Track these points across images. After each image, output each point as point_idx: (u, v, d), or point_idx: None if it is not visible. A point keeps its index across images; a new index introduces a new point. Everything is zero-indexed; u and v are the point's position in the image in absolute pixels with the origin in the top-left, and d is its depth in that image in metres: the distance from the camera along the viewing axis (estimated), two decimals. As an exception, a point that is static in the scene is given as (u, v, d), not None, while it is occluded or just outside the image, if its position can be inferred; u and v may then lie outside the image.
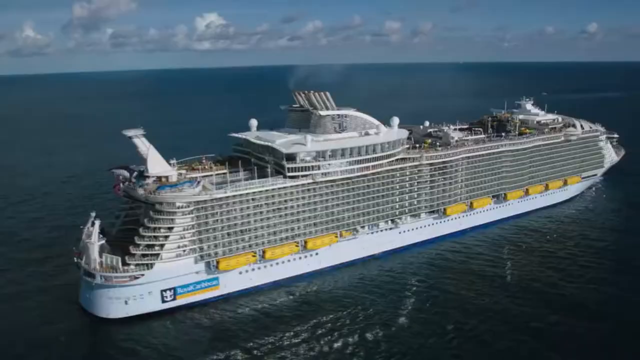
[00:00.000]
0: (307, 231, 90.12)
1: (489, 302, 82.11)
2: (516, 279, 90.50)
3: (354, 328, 74.85)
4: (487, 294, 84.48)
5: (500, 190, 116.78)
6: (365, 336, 72.70)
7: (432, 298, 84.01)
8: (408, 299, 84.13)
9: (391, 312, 79.55)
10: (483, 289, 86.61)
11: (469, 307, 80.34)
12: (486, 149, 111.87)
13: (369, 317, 77.84)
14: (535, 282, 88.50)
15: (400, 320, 76.93)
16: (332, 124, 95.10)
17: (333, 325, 75.88)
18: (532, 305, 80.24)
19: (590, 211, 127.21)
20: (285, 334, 73.86)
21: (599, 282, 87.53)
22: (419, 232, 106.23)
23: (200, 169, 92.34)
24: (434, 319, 77.36)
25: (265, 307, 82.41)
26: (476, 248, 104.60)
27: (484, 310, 79.46)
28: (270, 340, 72.54)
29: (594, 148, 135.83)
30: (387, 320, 77.12)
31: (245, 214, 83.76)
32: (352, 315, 78.60)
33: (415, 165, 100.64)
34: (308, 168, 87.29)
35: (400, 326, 75.55)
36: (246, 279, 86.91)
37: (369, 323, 76.23)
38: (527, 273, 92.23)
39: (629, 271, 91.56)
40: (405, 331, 74.26)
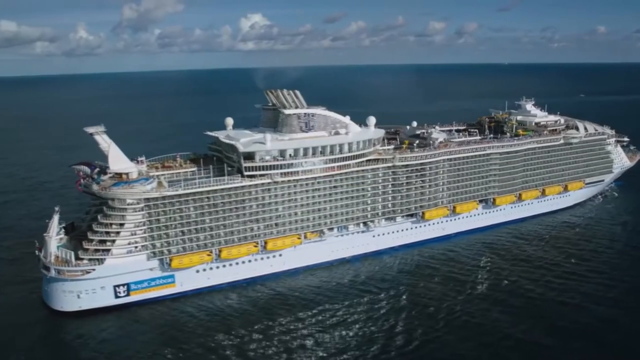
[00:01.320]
0: (267, 232, 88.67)
1: (453, 309, 78.45)
2: (486, 288, 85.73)
3: (306, 332, 73.39)
4: (453, 302, 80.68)
5: (487, 194, 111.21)
6: (317, 340, 71.31)
7: (392, 303, 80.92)
8: (366, 304, 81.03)
9: (346, 316, 77.35)
10: (450, 296, 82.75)
11: (427, 313, 77.37)
12: (470, 151, 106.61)
13: (319, 322, 75.96)
14: (506, 293, 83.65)
15: (354, 326, 74.53)
16: (299, 122, 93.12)
17: (285, 327, 74.53)
18: (497, 317, 76.01)
19: (591, 220, 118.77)
20: (237, 335, 72.87)
21: (575, 296, 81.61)
22: (395, 236, 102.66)
23: (172, 166, 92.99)
24: (385, 324, 74.72)
25: (220, 307, 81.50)
26: (455, 254, 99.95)
27: (444, 316, 76.47)
28: (221, 340, 71.76)
29: (600, 152, 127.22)
30: (339, 324, 75.10)
31: (199, 212, 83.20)
32: (306, 318, 77.09)
33: (388, 166, 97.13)
34: (267, 167, 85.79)
35: (353, 332, 73.10)
36: (203, 277, 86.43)
37: (321, 327, 74.58)
38: (498, 282, 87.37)
39: (614, 285, 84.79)
40: (356, 338, 71.78)
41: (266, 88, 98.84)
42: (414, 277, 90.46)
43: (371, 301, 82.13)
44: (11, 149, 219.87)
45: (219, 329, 74.57)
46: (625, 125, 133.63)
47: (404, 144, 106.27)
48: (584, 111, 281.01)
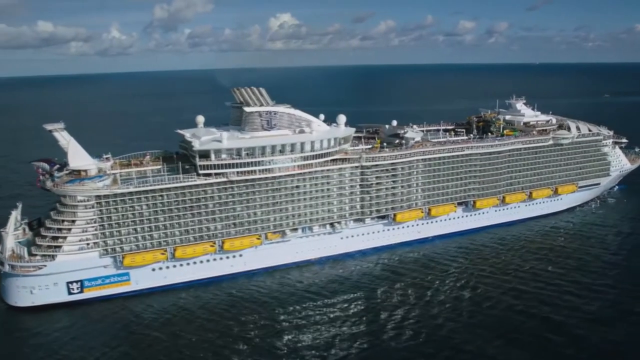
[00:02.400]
0: (224, 231, 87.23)
1: (405, 317, 75.41)
2: (447, 296, 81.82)
3: (258, 333, 72.26)
4: (407, 310, 77.48)
5: (467, 197, 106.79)
6: (264, 344, 69.75)
7: (344, 309, 78.35)
8: (316, 309, 78.68)
9: (295, 321, 75.40)
10: (407, 303, 79.64)
11: (377, 321, 74.48)
12: (446, 151, 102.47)
13: (266, 326, 74.11)
14: (467, 302, 79.83)
15: (303, 330, 72.57)
16: (260, 120, 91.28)
17: (240, 329, 73.12)
18: (452, 328, 72.30)
19: (582, 225, 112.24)
20: (188, 335, 71.94)
21: (542, 308, 76.62)
22: (364, 238, 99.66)
23: (138, 164, 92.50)
24: (331, 330, 72.27)
25: (175, 307, 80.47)
26: (427, 259, 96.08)
27: (394, 325, 73.39)
28: (173, 339, 71.08)
29: (595, 154, 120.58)
30: (286, 329, 73.03)
31: (153, 210, 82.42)
32: (253, 321, 75.45)
33: (355, 166, 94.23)
34: (222, 166, 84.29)
35: (292, 338, 70.94)
36: (160, 276, 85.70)
37: (270, 330, 73.01)
38: (462, 291, 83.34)
39: (591, 298, 79.11)
40: (300, 344, 69.57)
41: (233, 87, 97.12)
42: (376, 282, 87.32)
43: (324, 305, 79.70)
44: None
45: (172, 329, 73.76)
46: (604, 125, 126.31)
47: (377, 144, 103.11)
48: (600, 111, 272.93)
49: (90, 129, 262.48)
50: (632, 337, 68.75)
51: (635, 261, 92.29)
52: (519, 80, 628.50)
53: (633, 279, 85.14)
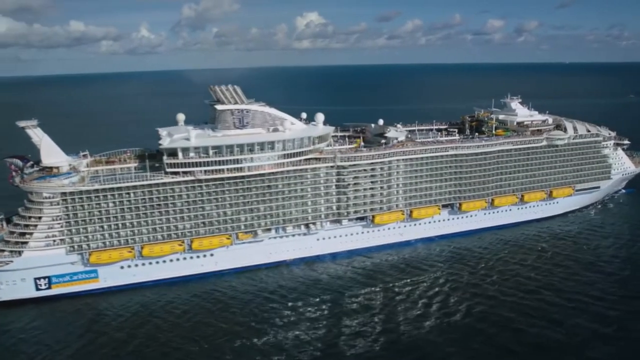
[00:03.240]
0: (193, 230, 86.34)
1: (364, 323, 72.94)
2: (419, 302, 78.53)
3: (210, 335, 70.83)
4: (368, 316, 74.94)
5: (452, 199, 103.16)
6: (213, 346, 68.42)
7: (310, 311, 76.37)
8: (280, 311, 76.89)
9: (254, 323, 73.68)
10: (373, 308, 77.23)
11: (337, 327, 72.12)
12: (430, 151, 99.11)
13: (220, 329, 72.59)
14: (436, 310, 76.38)
15: (258, 334, 70.71)
16: (232, 119, 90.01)
17: (194, 331, 72.04)
18: (421, 336, 69.43)
19: (576, 231, 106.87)
20: (153, 334, 71.40)
21: (517, 321, 72.47)
22: (342, 240, 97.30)
23: (114, 162, 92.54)
24: (290, 334, 70.38)
25: (142, 305, 79.75)
26: (405, 263, 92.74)
27: (360, 329, 71.35)
28: (138, 338, 70.60)
29: (594, 156, 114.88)
30: (241, 332, 71.43)
31: (119, 208, 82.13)
32: (215, 322, 74.27)
33: (330, 166, 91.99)
34: (189, 164, 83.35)
35: (252, 342, 69.18)
36: (128, 274, 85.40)
37: (224, 333, 71.44)
38: (430, 298, 79.94)
39: (562, 314, 74.25)
40: (251, 348, 67.98)
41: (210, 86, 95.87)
42: (346, 286, 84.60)
43: (286, 307, 77.78)
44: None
45: (138, 327, 73.25)
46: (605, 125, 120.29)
47: (356, 143, 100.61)
48: (618, 112, 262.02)
49: (107, 126, 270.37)
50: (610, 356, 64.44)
51: (626, 271, 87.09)
52: (544, 80, 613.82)
53: (620, 290, 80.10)
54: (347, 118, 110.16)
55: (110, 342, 69.76)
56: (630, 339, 67.18)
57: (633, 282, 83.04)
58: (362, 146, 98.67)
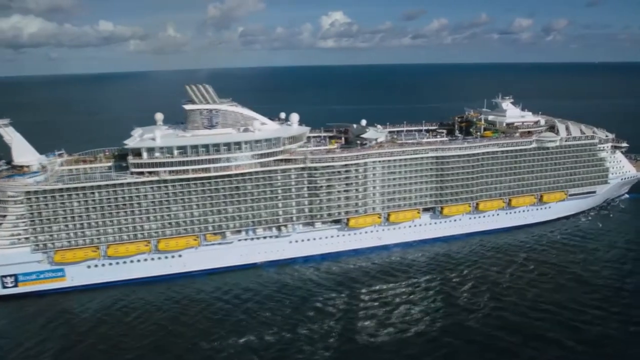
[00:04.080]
0: (159, 231, 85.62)
1: (312, 330, 70.77)
2: (380, 311, 75.81)
3: (149, 339, 70.04)
4: (338, 321, 73.02)
5: (432, 203, 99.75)
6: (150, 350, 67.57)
7: (265, 317, 74.52)
8: (235, 314, 75.43)
9: (204, 326, 72.65)
10: (335, 313, 75.06)
11: (295, 331, 70.40)
12: (408, 153, 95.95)
13: (167, 333, 71.73)
14: (398, 321, 73.41)
15: (204, 337, 69.44)
16: (201, 119, 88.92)
17: (154, 332, 71.59)
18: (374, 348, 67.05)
19: (568, 237, 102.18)
20: (115, 333, 71.35)
21: (482, 335, 69.27)
22: (316, 243, 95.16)
23: (88, 161, 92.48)
24: (243, 338, 68.76)
25: (105, 305, 79.62)
26: (376, 269, 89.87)
27: (315, 336, 69.42)
28: (101, 337, 70.81)
29: (589, 159, 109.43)
30: (186, 334, 70.51)
31: (84, 207, 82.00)
32: (158, 326, 73.36)
33: (301, 167, 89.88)
34: (153, 165, 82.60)
35: (197, 344, 68.20)
36: (95, 274, 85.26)
37: (164, 336, 70.61)
38: (397, 306, 77.31)
39: (550, 321, 71.06)
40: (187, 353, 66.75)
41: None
42: (312, 291, 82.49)
43: (241, 311, 76.19)
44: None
45: (101, 326, 73.38)
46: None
47: (331, 144, 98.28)
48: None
49: (128, 122, 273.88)
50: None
51: (600, 279, 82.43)
52: (569, 80, 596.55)
53: (598, 300, 75.79)
54: (362, 116, 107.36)
55: (61, 341, 69.66)
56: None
57: (605, 292, 78.61)
58: (342, 146, 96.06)
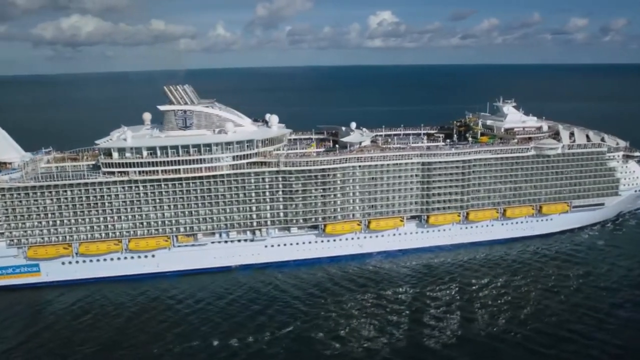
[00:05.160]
0: (130, 231, 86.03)
1: (260, 338, 68.40)
2: (337, 323, 72.75)
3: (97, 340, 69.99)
4: (289, 332, 70.47)
5: (418, 211, 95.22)
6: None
7: (214, 323, 73.05)
8: (189, 317, 74.48)
9: (152, 329, 71.88)
10: (290, 323, 72.43)
11: (244, 339, 68.27)
12: (390, 158, 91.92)
13: (122, 334, 71.57)
14: (353, 337, 70.49)
15: (153, 341, 68.71)
16: (175, 120, 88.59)
17: (117, 332, 71.60)
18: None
19: (566, 254, 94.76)
20: (84, 329, 72.41)
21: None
22: (293, 249, 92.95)
23: (77, 159, 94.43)
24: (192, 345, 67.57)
25: (72, 301, 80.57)
26: (350, 279, 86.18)
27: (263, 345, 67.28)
28: (56, 333, 71.78)
29: (597, 168, 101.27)
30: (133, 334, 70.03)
31: (57, 205, 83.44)
32: (142, 322, 74.00)
33: (276, 170, 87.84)
34: (123, 165, 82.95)
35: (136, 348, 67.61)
36: (69, 270, 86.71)
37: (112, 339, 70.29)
38: (352, 319, 73.99)
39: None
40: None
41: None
42: (279, 297, 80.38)
43: (189, 314, 75.28)
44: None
45: (59, 323, 74.19)
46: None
47: (311, 146, 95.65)
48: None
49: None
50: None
51: (593, 308, 75.00)
52: (623, 82, 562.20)
53: (577, 332, 68.92)
54: (395, 119, 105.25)
55: (17, 336, 71.05)
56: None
57: (588, 320, 71.62)
58: (328, 149, 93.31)
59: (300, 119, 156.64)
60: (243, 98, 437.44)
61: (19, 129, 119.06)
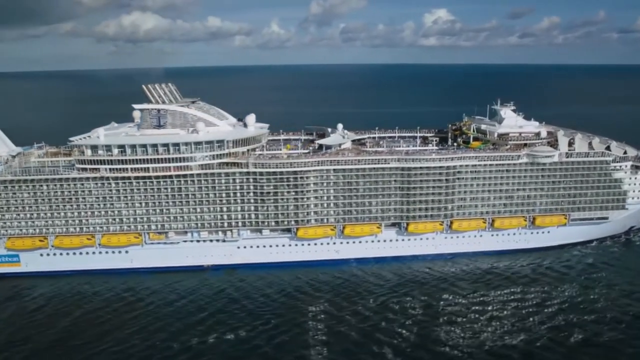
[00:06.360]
0: (104, 226, 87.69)
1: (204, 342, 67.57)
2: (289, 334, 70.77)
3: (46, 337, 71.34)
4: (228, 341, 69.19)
5: (396, 218, 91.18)
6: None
7: (164, 324, 72.97)
8: (144, 317, 74.78)
9: (103, 325, 72.78)
10: (234, 329, 71.07)
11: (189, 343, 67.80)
12: (366, 162, 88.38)
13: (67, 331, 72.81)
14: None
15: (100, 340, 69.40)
16: (150, 118, 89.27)
17: (71, 326, 73.03)
18: None
19: (558, 271, 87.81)
20: (21, 323, 74.25)
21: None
22: (265, 251, 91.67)
23: (69, 154, 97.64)
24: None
25: (39, 293, 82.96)
26: (314, 287, 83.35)
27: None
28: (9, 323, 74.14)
29: (600, 179, 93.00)
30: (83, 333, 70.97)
31: (33, 199, 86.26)
32: (108, 317, 75.42)
33: (247, 172, 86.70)
34: (94, 162, 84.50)
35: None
36: (47, 262, 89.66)
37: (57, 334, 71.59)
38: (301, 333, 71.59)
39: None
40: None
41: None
42: (238, 299, 79.48)
43: (148, 314, 75.34)
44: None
45: (30, 313, 76.58)
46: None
47: (286, 147, 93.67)
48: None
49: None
50: None
51: (565, 331, 68.76)
52: None
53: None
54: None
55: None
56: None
57: (559, 349, 65.56)
58: (313, 150, 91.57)
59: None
60: (298, 95, 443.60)
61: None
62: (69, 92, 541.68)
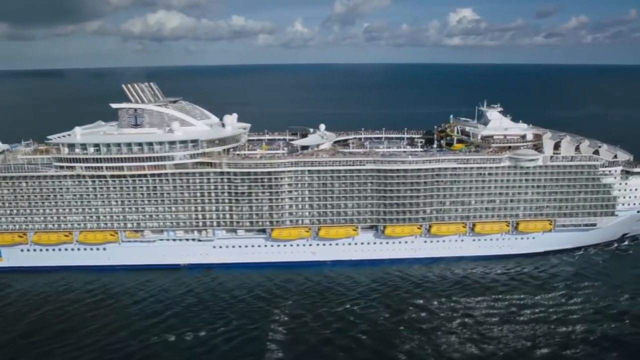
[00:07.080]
0: (81, 224, 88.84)
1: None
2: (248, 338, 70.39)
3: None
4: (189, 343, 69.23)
5: (373, 221, 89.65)
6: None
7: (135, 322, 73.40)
8: (117, 313, 75.43)
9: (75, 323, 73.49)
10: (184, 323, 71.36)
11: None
12: (341, 164, 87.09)
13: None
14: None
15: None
16: (128, 117, 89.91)
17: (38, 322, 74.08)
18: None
19: (539, 279, 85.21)
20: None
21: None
22: (240, 251, 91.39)
23: (51, 151, 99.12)
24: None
25: (13, 289, 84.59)
26: (285, 288, 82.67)
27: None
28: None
29: (587, 184, 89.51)
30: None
31: (12, 196, 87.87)
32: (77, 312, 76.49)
33: (221, 172, 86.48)
34: (70, 160, 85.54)
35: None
36: (27, 257, 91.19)
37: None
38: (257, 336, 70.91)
39: None
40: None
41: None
42: (206, 299, 79.45)
43: (112, 310, 76.20)
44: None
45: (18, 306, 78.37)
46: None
47: (263, 148, 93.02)
48: None
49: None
50: None
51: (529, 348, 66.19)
52: None
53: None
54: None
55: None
56: None
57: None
58: (289, 151, 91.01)
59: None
60: (323, 95, 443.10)
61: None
62: (87, 91, 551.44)
